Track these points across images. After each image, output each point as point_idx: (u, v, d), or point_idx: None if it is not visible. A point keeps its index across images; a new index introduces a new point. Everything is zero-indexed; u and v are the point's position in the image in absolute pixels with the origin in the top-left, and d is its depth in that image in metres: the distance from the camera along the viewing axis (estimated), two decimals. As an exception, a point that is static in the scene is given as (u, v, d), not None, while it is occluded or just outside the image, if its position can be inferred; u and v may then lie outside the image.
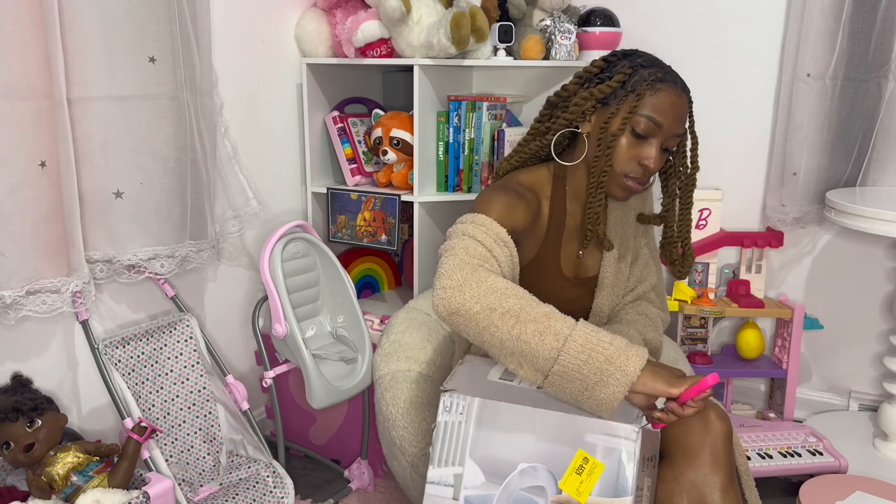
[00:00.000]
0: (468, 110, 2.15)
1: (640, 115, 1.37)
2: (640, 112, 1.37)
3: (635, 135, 1.39)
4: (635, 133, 1.38)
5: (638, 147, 1.40)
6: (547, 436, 1.18)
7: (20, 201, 1.45)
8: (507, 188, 1.43)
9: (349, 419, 2.11)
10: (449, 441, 1.24)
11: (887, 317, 2.26)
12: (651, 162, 1.39)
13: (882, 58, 2.07)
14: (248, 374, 2.22)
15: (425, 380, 1.67)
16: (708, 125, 2.34)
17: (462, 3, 1.99)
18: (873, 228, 1.87)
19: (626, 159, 1.40)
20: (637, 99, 1.37)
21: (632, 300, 1.60)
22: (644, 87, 1.37)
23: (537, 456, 1.18)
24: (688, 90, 1.42)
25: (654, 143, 1.39)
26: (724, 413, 1.34)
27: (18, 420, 1.42)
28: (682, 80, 1.42)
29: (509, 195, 1.41)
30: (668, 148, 1.42)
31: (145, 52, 1.59)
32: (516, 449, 1.19)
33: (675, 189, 1.51)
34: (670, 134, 1.39)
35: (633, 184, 1.42)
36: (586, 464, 1.16)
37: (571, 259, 1.55)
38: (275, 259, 1.86)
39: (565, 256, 1.53)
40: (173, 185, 1.68)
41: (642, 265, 1.61)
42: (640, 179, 1.42)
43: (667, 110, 1.37)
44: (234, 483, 1.78)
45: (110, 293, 1.78)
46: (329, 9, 2.20)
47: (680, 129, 1.40)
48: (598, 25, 2.11)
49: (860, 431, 2.19)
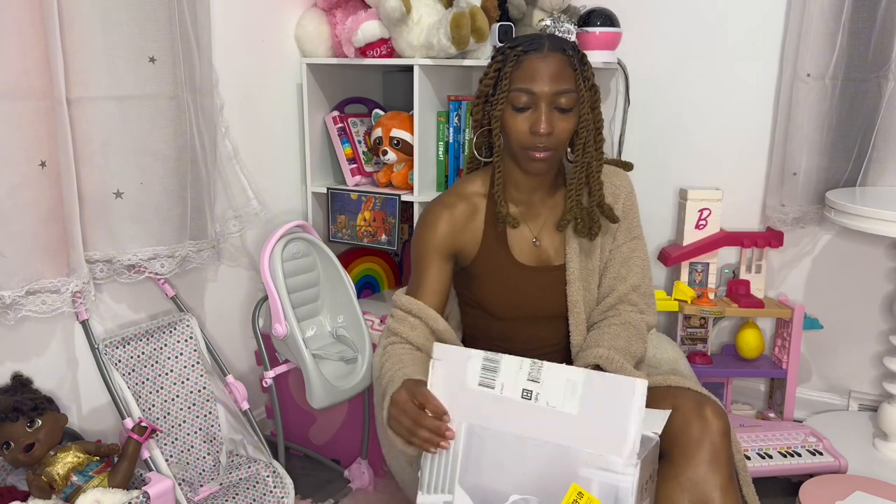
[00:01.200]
0: (468, 110, 2.15)
1: (513, 90, 1.43)
2: (512, 88, 1.43)
3: (518, 110, 1.43)
4: (518, 109, 1.43)
5: (525, 119, 1.43)
6: (539, 467, 1.14)
7: (20, 201, 1.45)
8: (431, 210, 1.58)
9: (349, 419, 2.11)
10: (438, 467, 1.22)
11: (887, 317, 2.26)
12: (540, 126, 1.40)
13: (882, 58, 2.07)
14: (248, 374, 2.22)
15: (425, 380, 1.67)
16: (708, 125, 2.35)
17: (462, 3, 1.99)
18: (873, 228, 1.87)
19: (520, 133, 1.44)
20: (506, 79, 1.44)
21: (613, 303, 1.58)
22: (510, 66, 1.44)
23: (529, 488, 1.15)
24: (561, 48, 1.43)
25: (540, 108, 1.41)
26: (722, 410, 1.34)
27: (18, 420, 1.42)
28: (553, 41, 1.44)
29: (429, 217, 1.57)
30: (562, 107, 1.42)
31: (145, 52, 1.59)
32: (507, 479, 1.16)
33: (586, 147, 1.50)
34: (549, 94, 1.40)
35: (537, 153, 1.44)
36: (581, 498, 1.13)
37: (527, 246, 1.58)
38: (275, 259, 1.86)
39: (518, 244, 1.58)
40: (173, 185, 1.68)
41: (619, 263, 1.60)
42: (540, 147, 1.43)
43: (533, 75, 1.41)
44: (234, 483, 1.78)
45: (110, 293, 1.78)
46: (329, 9, 2.20)
47: (557, 86, 1.41)
48: (598, 25, 2.11)
49: (860, 431, 2.19)
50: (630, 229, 1.62)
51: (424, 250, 1.56)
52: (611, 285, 1.59)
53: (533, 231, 1.59)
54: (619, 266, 1.60)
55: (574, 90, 1.43)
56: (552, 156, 1.46)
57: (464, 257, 1.59)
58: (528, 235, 1.59)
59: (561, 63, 1.42)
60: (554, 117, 1.42)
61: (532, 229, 1.59)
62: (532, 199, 1.58)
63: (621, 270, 1.59)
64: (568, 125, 1.44)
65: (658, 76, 2.36)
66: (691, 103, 2.34)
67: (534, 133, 1.42)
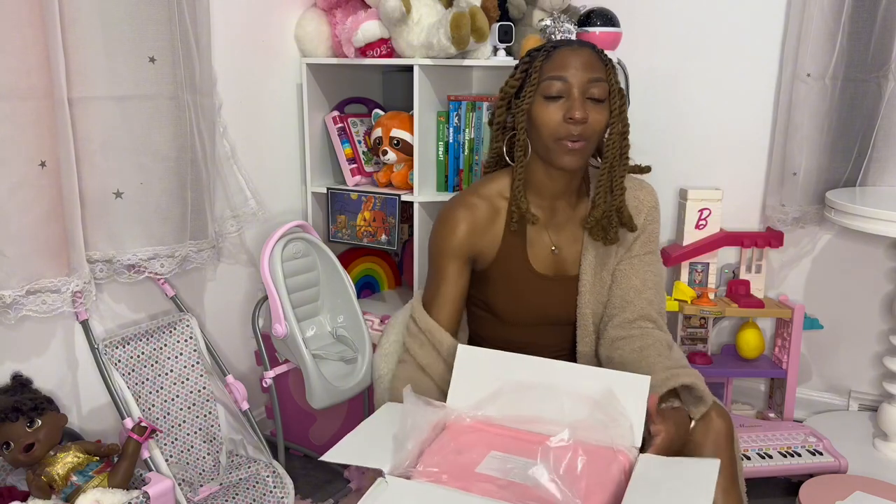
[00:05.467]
0: (468, 110, 2.15)
1: (544, 80, 1.42)
2: (543, 78, 1.42)
3: (549, 99, 1.41)
4: (549, 98, 1.41)
5: (558, 109, 1.40)
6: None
7: (20, 201, 1.45)
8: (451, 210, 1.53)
9: (349, 419, 2.10)
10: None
11: (887, 317, 2.26)
12: (575, 112, 1.37)
13: (882, 58, 2.07)
14: (248, 374, 2.22)
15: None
16: (708, 125, 2.35)
17: (462, 3, 1.99)
18: (873, 228, 1.87)
19: (552, 123, 1.41)
20: (536, 73, 1.43)
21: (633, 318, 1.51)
22: (539, 60, 1.44)
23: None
24: (590, 45, 1.44)
25: (574, 95, 1.39)
26: (725, 412, 1.33)
27: (18, 420, 1.42)
28: (581, 42, 1.46)
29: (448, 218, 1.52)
30: (595, 97, 1.40)
31: (145, 52, 1.59)
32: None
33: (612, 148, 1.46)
34: (583, 81, 1.39)
35: (571, 144, 1.40)
36: None
37: (545, 254, 1.55)
38: (275, 259, 1.86)
39: (536, 252, 1.54)
40: (173, 184, 1.68)
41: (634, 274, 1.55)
42: (574, 136, 1.40)
43: (566, 63, 1.40)
44: (234, 483, 1.78)
45: (110, 293, 1.78)
46: (329, 9, 2.20)
47: (589, 74, 1.39)
48: (598, 25, 2.11)
49: (860, 431, 2.19)
50: (647, 242, 1.57)
51: (443, 252, 1.52)
52: (624, 296, 1.54)
53: (553, 239, 1.55)
54: (633, 277, 1.55)
55: (606, 80, 1.42)
56: (585, 147, 1.42)
57: (481, 260, 1.55)
58: (547, 243, 1.55)
59: (592, 55, 1.42)
60: (587, 106, 1.40)
61: (552, 237, 1.55)
62: (554, 206, 1.54)
63: (635, 282, 1.54)
64: (601, 116, 1.42)
65: (658, 76, 2.36)
66: (691, 103, 2.34)
67: (568, 120, 1.39)
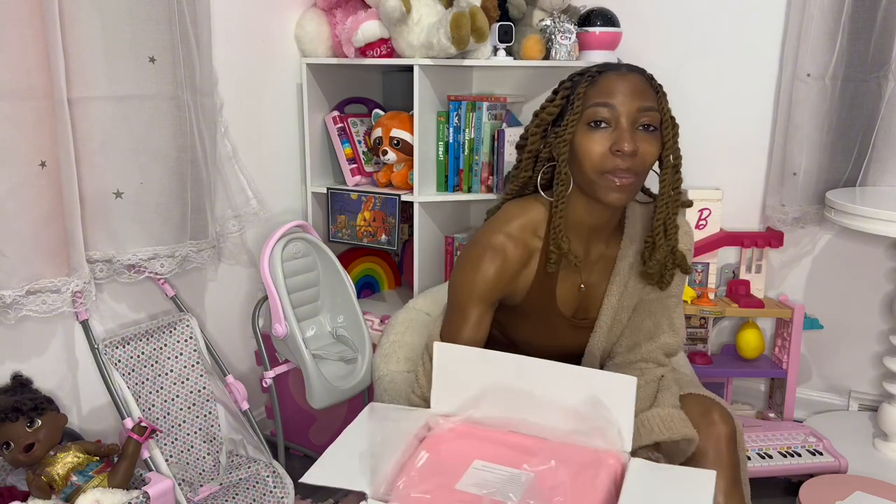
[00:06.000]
0: (468, 110, 2.15)
1: (589, 107, 1.29)
2: (588, 105, 1.30)
3: (594, 126, 1.29)
4: (593, 125, 1.29)
5: (605, 139, 1.28)
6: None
7: (20, 201, 1.44)
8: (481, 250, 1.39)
9: (349, 419, 2.09)
10: None
11: (887, 317, 2.26)
12: (624, 144, 1.25)
13: (882, 58, 2.07)
14: (248, 374, 2.22)
15: (425, 380, 1.66)
16: (708, 125, 2.34)
17: (462, 3, 1.99)
18: (873, 228, 1.87)
19: (597, 155, 1.28)
20: (580, 99, 1.31)
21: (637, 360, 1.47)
22: (583, 86, 1.32)
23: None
24: (639, 70, 1.33)
25: (622, 124, 1.27)
26: (729, 415, 1.33)
27: (18, 420, 1.42)
28: (629, 66, 1.34)
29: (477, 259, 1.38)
30: (644, 125, 1.29)
31: (145, 52, 1.59)
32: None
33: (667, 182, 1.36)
34: (631, 109, 1.27)
35: (619, 179, 1.28)
36: None
37: (572, 293, 1.47)
38: (275, 259, 1.85)
39: (564, 290, 1.46)
40: (173, 184, 1.68)
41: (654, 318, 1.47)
42: (623, 170, 1.27)
43: (613, 89, 1.28)
44: (234, 483, 1.78)
45: (110, 293, 1.78)
46: (329, 9, 2.20)
47: (639, 102, 1.28)
48: (598, 25, 2.11)
49: (860, 431, 2.19)
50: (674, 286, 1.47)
51: (469, 297, 1.40)
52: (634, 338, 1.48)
53: (583, 277, 1.46)
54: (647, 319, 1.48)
55: (657, 109, 1.30)
56: (635, 183, 1.30)
57: (508, 299, 1.46)
58: (576, 281, 1.46)
59: (642, 81, 1.31)
60: (638, 137, 1.27)
61: (583, 275, 1.46)
62: (589, 243, 1.44)
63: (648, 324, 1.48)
64: (652, 148, 1.29)
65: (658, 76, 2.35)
66: (691, 103, 2.33)
67: (616, 153, 1.26)
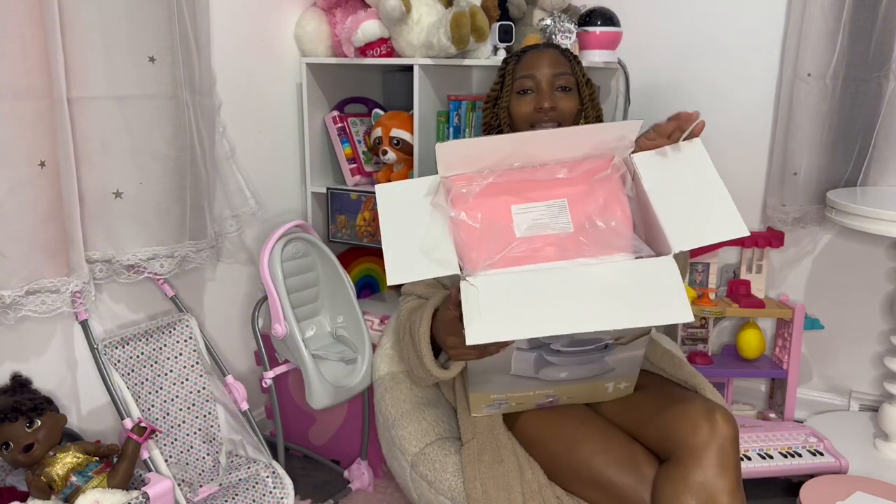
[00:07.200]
0: (468, 110, 2.14)
1: (517, 79, 1.57)
2: (516, 78, 1.58)
3: (522, 94, 1.56)
4: (521, 93, 1.56)
5: (530, 101, 1.55)
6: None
7: (20, 201, 1.44)
8: None
9: (349, 419, 2.10)
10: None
11: (888, 317, 2.26)
12: (544, 102, 1.52)
13: (882, 57, 2.07)
14: (247, 374, 2.22)
15: (425, 380, 1.67)
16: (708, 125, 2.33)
17: (462, 3, 1.99)
18: (874, 228, 1.87)
19: (525, 113, 1.55)
20: (510, 75, 1.59)
21: None
22: (512, 65, 1.60)
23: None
24: (555, 46, 1.61)
25: (542, 88, 1.54)
26: (731, 416, 1.33)
27: (18, 420, 1.42)
28: (546, 44, 1.61)
29: None
30: (560, 87, 1.54)
31: (145, 52, 1.59)
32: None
33: None
34: (549, 75, 1.54)
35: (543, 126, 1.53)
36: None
37: None
38: (274, 259, 1.85)
39: None
40: (173, 184, 1.68)
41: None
42: (547, 121, 1.54)
43: (532, 62, 1.56)
44: (233, 483, 1.78)
45: (110, 293, 1.78)
46: (329, 8, 2.20)
47: (554, 69, 1.54)
48: (599, 25, 2.11)
49: (861, 432, 2.19)
50: None
51: None
52: None
53: None
54: None
55: (571, 73, 1.57)
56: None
57: None
58: None
59: (556, 54, 1.58)
60: (556, 97, 1.54)
61: None
62: None
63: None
64: (570, 104, 1.56)
65: (658, 76, 2.36)
66: (691, 103, 2.33)
67: (538, 110, 1.53)
